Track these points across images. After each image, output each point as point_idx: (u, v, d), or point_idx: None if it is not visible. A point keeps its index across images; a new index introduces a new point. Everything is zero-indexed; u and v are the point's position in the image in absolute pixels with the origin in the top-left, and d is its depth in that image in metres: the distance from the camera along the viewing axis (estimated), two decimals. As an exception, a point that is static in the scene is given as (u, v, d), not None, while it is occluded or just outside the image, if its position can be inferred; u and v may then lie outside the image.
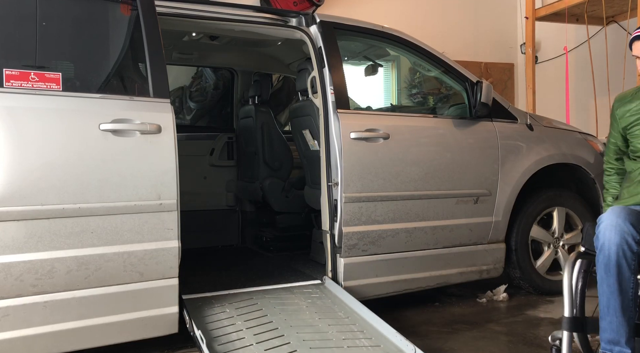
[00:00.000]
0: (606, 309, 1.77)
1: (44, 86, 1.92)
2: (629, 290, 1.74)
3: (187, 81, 4.44)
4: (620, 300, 1.74)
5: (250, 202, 3.77)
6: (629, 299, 1.75)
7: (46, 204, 1.88)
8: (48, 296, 1.91)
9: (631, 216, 1.74)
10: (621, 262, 1.72)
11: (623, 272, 1.72)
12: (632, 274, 1.73)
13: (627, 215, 1.73)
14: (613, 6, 3.44)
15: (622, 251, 1.72)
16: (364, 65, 3.39)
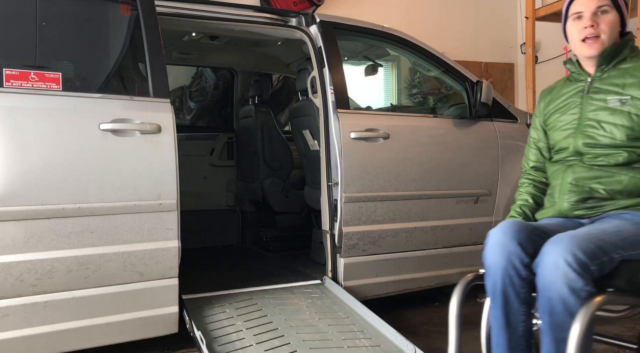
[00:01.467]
0: (495, 347, 1.48)
1: (44, 85, 1.92)
2: (519, 325, 1.44)
3: (187, 80, 4.44)
4: (507, 337, 1.45)
5: (250, 202, 3.77)
6: (518, 336, 1.45)
7: (46, 204, 1.88)
8: (48, 296, 1.91)
9: (521, 234, 1.42)
10: (507, 290, 1.42)
11: (510, 303, 1.43)
12: (521, 304, 1.43)
13: (515, 232, 1.42)
14: (613, 6, 3.44)
15: (508, 278, 1.42)
16: (364, 65, 3.39)
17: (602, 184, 1.51)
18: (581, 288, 1.26)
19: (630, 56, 1.55)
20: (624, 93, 1.50)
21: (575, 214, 1.56)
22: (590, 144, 1.54)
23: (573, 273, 1.26)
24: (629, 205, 1.49)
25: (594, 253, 1.29)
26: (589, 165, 1.54)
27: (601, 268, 1.31)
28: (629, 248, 1.36)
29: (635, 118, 1.48)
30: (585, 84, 1.61)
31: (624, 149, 1.49)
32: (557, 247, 1.30)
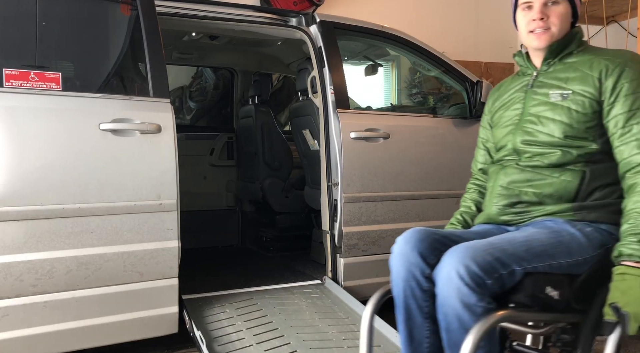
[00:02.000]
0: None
1: (44, 85, 1.92)
2: (423, 341, 1.32)
3: (187, 80, 4.44)
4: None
5: (250, 202, 3.77)
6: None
7: (46, 204, 1.88)
8: (48, 296, 1.91)
9: (424, 243, 1.31)
10: (409, 303, 1.32)
11: (413, 317, 1.32)
12: (425, 319, 1.31)
13: (417, 241, 1.31)
14: (613, 6, 3.43)
15: (410, 290, 1.31)
16: (364, 65, 3.39)
17: (533, 187, 1.39)
18: (475, 304, 1.15)
19: (578, 50, 1.45)
20: (566, 88, 1.40)
21: (502, 219, 1.45)
22: (528, 142, 1.43)
23: (465, 288, 1.15)
24: (555, 211, 1.37)
25: (490, 266, 1.17)
26: (522, 167, 1.43)
27: (501, 281, 1.19)
28: (534, 260, 1.23)
29: (574, 114, 1.37)
30: (530, 79, 1.50)
31: (559, 148, 1.38)
32: (452, 259, 1.19)
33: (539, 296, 1.21)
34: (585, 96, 1.36)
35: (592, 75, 1.37)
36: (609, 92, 1.34)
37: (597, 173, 1.36)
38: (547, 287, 1.22)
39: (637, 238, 1.22)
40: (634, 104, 1.32)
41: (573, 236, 1.31)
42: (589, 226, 1.34)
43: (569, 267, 1.27)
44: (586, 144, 1.36)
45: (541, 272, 1.24)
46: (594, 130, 1.36)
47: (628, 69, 1.34)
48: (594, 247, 1.31)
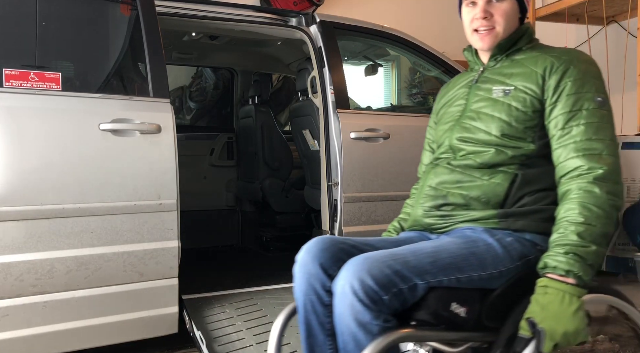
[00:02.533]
0: None
1: (44, 85, 1.92)
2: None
3: (187, 80, 4.44)
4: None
5: (250, 202, 3.77)
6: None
7: (46, 204, 1.88)
8: (48, 296, 1.91)
9: (326, 252, 1.21)
10: (310, 319, 1.22)
11: (314, 334, 1.22)
12: (327, 337, 1.20)
13: (319, 251, 1.21)
14: (613, 6, 3.43)
15: (310, 304, 1.22)
16: (364, 65, 3.39)
17: (461, 189, 1.29)
18: (370, 323, 1.05)
19: (526, 47, 1.36)
20: (509, 83, 1.30)
21: (427, 222, 1.34)
22: (464, 139, 1.33)
23: (359, 304, 1.04)
24: (479, 218, 1.26)
25: (388, 279, 1.06)
26: (453, 167, 1.33)
27: (402, 297, 1.08)
28: (439, 274, 1.12)
29: (514, 112, 1.27)
30: (477, 74, 1.41)
31: (494, 147, 1.27)
32: (347, 272, 1.08)
33: (441, 313, 1.10)
34: (527, 93, 1.27)
35: (536, 71, 1.28)
36: (551, 91, 1.25)
37: (530, 177, 1.26)
38: (453, 303, 1.11)
39: (564, 250, 1.11)
40: (576, 105, 1.22)
41: (489, 247, 1.20)
42: (510, 236, 1.23)
43: (480, 281, 1.16)
44: (523, 144, 1.26)
45: (446, 287, 1.12)
46: (533, 130, 1.26)
47: (573, 68, 1.25)
48: (512, 259, 1.20)
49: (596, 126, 1.20)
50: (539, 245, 1.24)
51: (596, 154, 1.18)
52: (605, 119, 1.22)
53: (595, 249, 1.12)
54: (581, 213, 1.14)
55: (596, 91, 1.24)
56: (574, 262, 1.10)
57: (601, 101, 1.23)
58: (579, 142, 1.20)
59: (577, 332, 1.07)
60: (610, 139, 1.21)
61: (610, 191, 1.16)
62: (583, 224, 1.13)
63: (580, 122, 1.21)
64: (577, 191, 1.17)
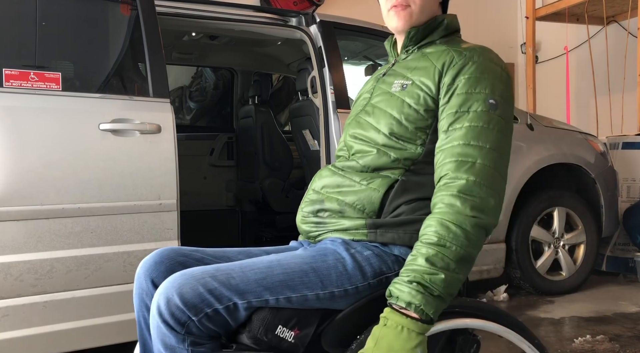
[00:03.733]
0: None
1: (44, 85, 1.92)
2: None
3: (187, 80, 4.44)
4: None
5: (250, 202, 3.77)
6: None
7: (46, 204, 1.88)
8: (48, 296, 1.91)
9: (160, 266, 1.10)
10: (145, 335, 1.17)
11: (151, 351, 1.12)
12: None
13: (153, 264, 1.11)
14: (613, 6, 3.44)
15: (143, 320, 1.16)
16: (364, 65, 3.39)
17: (340, 194, 1.16)
18: (177, 346, 0.95)
19: (440, 41, 1.21)
20: (409, 77, 1.17)
21: (303, 229, 1.22)
22: (356, 135, 1.21)
23: (164, 326, 0.95)
24: (348, 227, 1.12)
25: (200, 299, 0.94)
26: (336, 169, 1.21)
27: (220, 318, 0.96)
28: (265, 293, 0.98)
29: (405, 108, 1.13)
30: (388, 66, 1.28)
31: (378, 147, 1.15)
32: (160, 290, 0.97)
33: (262, 338, 0.97)
34: (422, 88, 1.13)
35: (435, 66, 1.13)
36: (445, 89, 1.10)
37: (412, 184, 1.12)
38: (279, 326, 0.98)
39: (408, 277, 0.95)
40: (464, 105, 1.06)
41: (340, 261, 1.06)
42: (371, 249, 1.09)
43: (318, 301, 1.02)
44: (410, 147, 1.12)
45: (273, 307, 0.99)
46: (425, 132, 1.12)
47: (471, 64, 1.10)
48: (364, 277, 1.05)
49: (478, 131, 1.04)
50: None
51: (468, 161, 1.02)
52: (492, 123, 1.05)
53: (443, 277, 0.94)
54: (436, 232, 0.98)
55: (491, 92, 1.08)
56: (416, 293, 0.93)
57: (493, 103, 1.06)
58: (455, 146, 1.04)
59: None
60: (491, 148, 1.03)
61: (474, 207, 0.99)
62: (435, 246, 0.97)
63: (464, 124, 1.05)
64: (440, 204, 1.01)
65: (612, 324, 2.58)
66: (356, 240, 1.11)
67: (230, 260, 1.13)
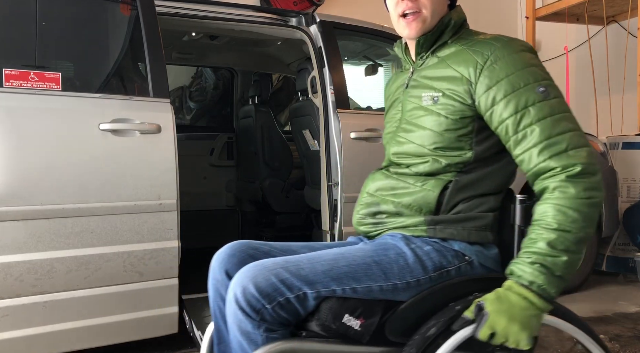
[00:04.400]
0: None
1: (44, 85, 1.92)
2: None
3: (187, 80, 4.44)
4: None
5: (250, 202, 3.77)
6: None
7: (46, 204, 1.88)
8: (48, 296, 1.91)
9: (233, 258, 1.18)
10: (220, 325, 1.20)
11: (224, 340, 1.18)
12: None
13: (227, 256, 1.18)
14: (613, 6, 3.44)
15: (218, 310, 1.20)
16: (364, 65, 3.38)
17: (395, 196, 1.22)
18: (253, 332, 1.02)
19: (452, 39, 1.22)
20: (437, 88, 1.18)
21: (361, 230, 1.29)
22: (399, 154, 1.27)
23: (240, 313, 1.01)
24: (407, 225, 1.18)
25: (273, 288, 1.01)
26: (390, 173, 1.28)
27: (291, 306, 1.03)
28: (331, 283, 1.05)
29: (444, 122, 1.16)
30: (407, 76, 1.29)
31: (429, 157, 1.19)
32: (235, 279, 1.04)
33: (330, 325, 1.03)
34: (455, 99, 1.15)
35: (461, 73, 1.15)
36: (483, 97, 1.12)
37: (467, 182, 1.17)
38: (346, 315, 1.04)
39: (530, 259, 1.03)
40: (518, 105, 1.09)
41: (401, 255, 1.12)
42: (429, 244, 1.15)
43: (382, 292, 1.08)
44: (459, 153, 1.16)
45: (340, 298, 1.05)
46: (469, 137, 1.16)
47: (500, 63, 1.11)
48: (425, 270, 1.11)
49: (549, 123, 1.08)
50: (467, 255, 1.16)
51: (562, 152, 1.06)
52: (555, 109, 1.09)
53: (566, 259, 1.02)
54: (555, 218, 1.03)
55: (534, 81, 1.10)
56: (538, 274, 1.02)
57: (544, 90, 1.09)
58: (539, 144, 1.07)
59: (520, 333, 0.99)
60: (570, 129, 1.08)
61: (587, 188, 1.04)
62: (556, 230, 1.03)
63: (532, 121, 1.08)
64: (552, 191, 1.06)
65: (612, 324, 2.58)
66: (416, 236, 1.17)
67: (295, 253, 1.21)
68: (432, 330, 1.03)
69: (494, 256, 1.20)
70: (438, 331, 1.03)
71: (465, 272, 1.16)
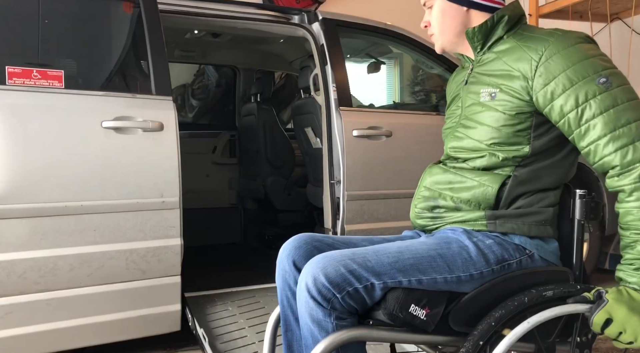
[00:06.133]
0: None
1: (47, 83, 1.92)
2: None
3: (189, 78, 4.44)
4: None
5: (253, 200, 3.77)
6: None
7: (49, 202, 1.88)
8: (51, 293, 1.92)
9: (300, 250, 1.22)
10: (287, 314, 1.25)
11: (292, 329, 1.24)
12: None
13: (294, 248, 1.22)
14: (617, 3, 3.41)
15: (286, 299, 1.24)
16: (367, 62, 3.38)
17: (452, 191, 1.25)
18: (323, 320, 1.06)
19: (508, 35, 1.24)
20: (494, 85, 1.21)
21: (419, 223, 1.33)
22: (456, 149, 1.29)
23: (312, 301, 1.06)
24: (467, 219, 1.22)
25: (342, 278, 1.05)
26: (447, 167, 1.30)
27: (359, 296, 1.07)
28: (397, 274, 1.09)
29: (501, 117, 1.18)
30: (467, 73, 1.33)
31: (486, 152, 1.22)
32: (305, 270, 1.09)
33: (398, 315, 1.07)
34: (512, 95, 1.17)
35: (517, 69, 1.17)
36: (541, 93, 1.13)
37: (526, 178, 1.19)
38: (412, 305, 1.08)
39: (634, 265, 1.10)
40: (579, 98, 1.10)
41: (463, 249, 1.15)
42: (490, 238, 1.18)
43: (446, 284, 1.11)
44: (516, 148, 1.19)
45: (406, 288, 1.09)
46: (527, 132, 1.18)
47: (556, 58, 1.12)
48: (488, 263, 1.15)
49: (613, 114, 1.08)
50: (527, 249, 1.19)
51: (628, 144, 1.07)
52: (618, 98, 1.09)
53: None
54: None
55: (594, 73, 1.10)
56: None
57: (605, 80, 1.09)
58: (603, 138, 1.08)
59: (638, 326, 1.04)
60: (636, 119, 1.08)
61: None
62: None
63: (595, 114, 1.09)
64: (629, 194, 1.09)
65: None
66: (476, 230, 1.20)
67: (356, 246, 1.25)
68: (496, 320, 1.07)
69: (554, 249, 1.23)
70: (502, 320, 1.07)
71: (526, 265, 1.19)
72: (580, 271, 1.24)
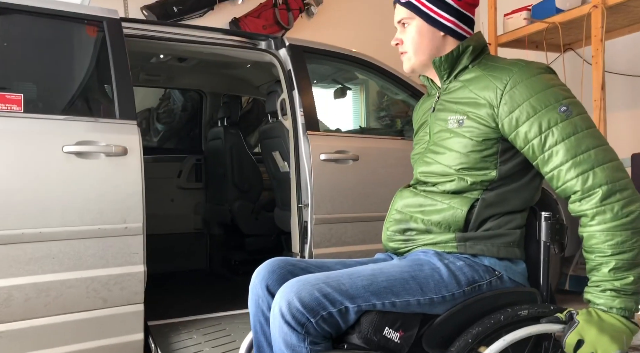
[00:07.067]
0: None
1: (5, 107, 1.87)
2: None
3: (154, 102, 4.39)
4: None
5: (219, 225, 3.72)
6: None
7: (4, 230, 1.81)
8: (4, 326, 1.82)
9: (273, 275, 1.21)
10: (260, 341, 1.24)
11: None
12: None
13: (267, 273, 1.22)
14: (569, 34, 3.60)
15: (259, 325, 1.24)
16: (333, 88, 3.43)
17: (423, 213, 1.27)
18: (297, 345, 1.05)
19: (473, 64, 1.28)
20: (462, 112, 1.24)
21: (391, 246, 1.35)
22: (426, 173, 1.32)
23: (286, 326, 1.05)
24: (438, 241, 1.24)
25: (316, 303, 1.05)
26: (418, 191, 1.33)
27: (333, 320, 1.07)
28: (371, 297, 1.09)
29: (469, 143, 1.22)
30: (434, 100, 1.36)
31: (455, 176, 1.25)
32: (279, 294, 1.09)
33: (372, 338, 1.07)
34: (479, 122, 1.21)
35: (483, 97, 1.21)
36: (506, 121, 1.17)
37: (493, 200, 1.23)
38: (386, 328, 1.09)
39: (600, 287, 1.13)
40: (542, 126, 1.14)
41: (435, 271, 1.17)
42: (461, 260, 1.21)
43: (419, 306, 1.13)
44: (484, 172, 1.22)
45: (380, 311, 1.10)
46: (494, 157, 1.22)
47: (520, 87, 1.16)
48: (459, 284, 1.17)
49: (574, 141, 1.12)
50: (497, 270, 1.22)
51: (589, 170, 1.11)
52: (578, 126, 1.13)
53: (632, 278, 1.10)
54: (605, 244, 1.10)
55: (555, 101, 1.15)
56: (613, 298, 1.11)
57: (565, 109, 1.14)
58: (565, 164, 1.13)
59: (610, 345, 1.07)
60: (595, 146, 1.12)
61: (623, 205, 1.09)
62: (612, 256, 1.10)
63: (557, 141, 1.13)
64: (591, 218, 1.12)
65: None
66: (447, 252, 1.23)
67: (330, 270, 1.26)
68: (473, 337, 1.10)
69: (522, 271, 1.26)
70: (478, 337, 1.10)
71: (495, 286, 1.21)
72: (547, 291, 1.27)
